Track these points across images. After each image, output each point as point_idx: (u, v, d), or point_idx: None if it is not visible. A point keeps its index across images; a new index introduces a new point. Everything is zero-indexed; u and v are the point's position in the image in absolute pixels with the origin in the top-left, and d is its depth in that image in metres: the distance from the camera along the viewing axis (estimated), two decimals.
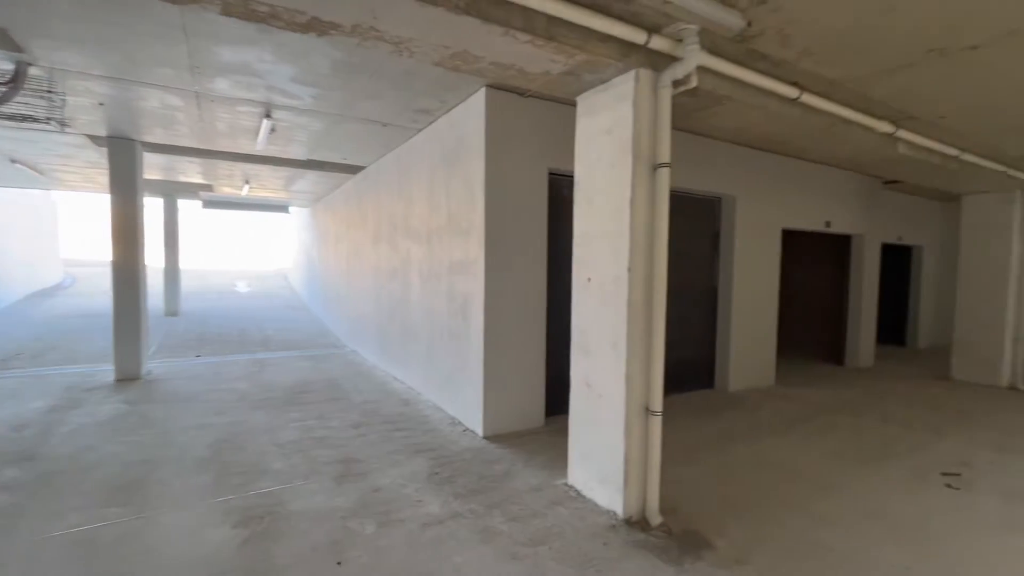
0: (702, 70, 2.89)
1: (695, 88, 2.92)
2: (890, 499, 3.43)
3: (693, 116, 3.84)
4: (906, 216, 9.35)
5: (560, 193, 4.67)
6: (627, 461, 3.00)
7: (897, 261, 10.33)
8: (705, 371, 6.35)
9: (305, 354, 8.36)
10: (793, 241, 9.19)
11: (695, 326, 6.22)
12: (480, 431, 4.44)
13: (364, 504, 3.21)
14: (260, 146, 6.04)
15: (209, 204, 13.00)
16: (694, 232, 6.11)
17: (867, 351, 8.08)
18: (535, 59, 2.70)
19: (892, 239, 9.13)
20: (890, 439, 4.66)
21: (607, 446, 3.12)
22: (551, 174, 4.61)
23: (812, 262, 9.11)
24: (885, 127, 4.12)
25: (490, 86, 4.13)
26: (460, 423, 4.79)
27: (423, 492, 3.40)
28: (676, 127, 4.90)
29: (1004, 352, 6.89)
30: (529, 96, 4.31)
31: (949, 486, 3.68)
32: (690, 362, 6.19)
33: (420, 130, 5.54)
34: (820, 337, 8.88)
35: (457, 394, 4.87)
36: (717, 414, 5.33)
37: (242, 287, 22.23)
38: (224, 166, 8.00)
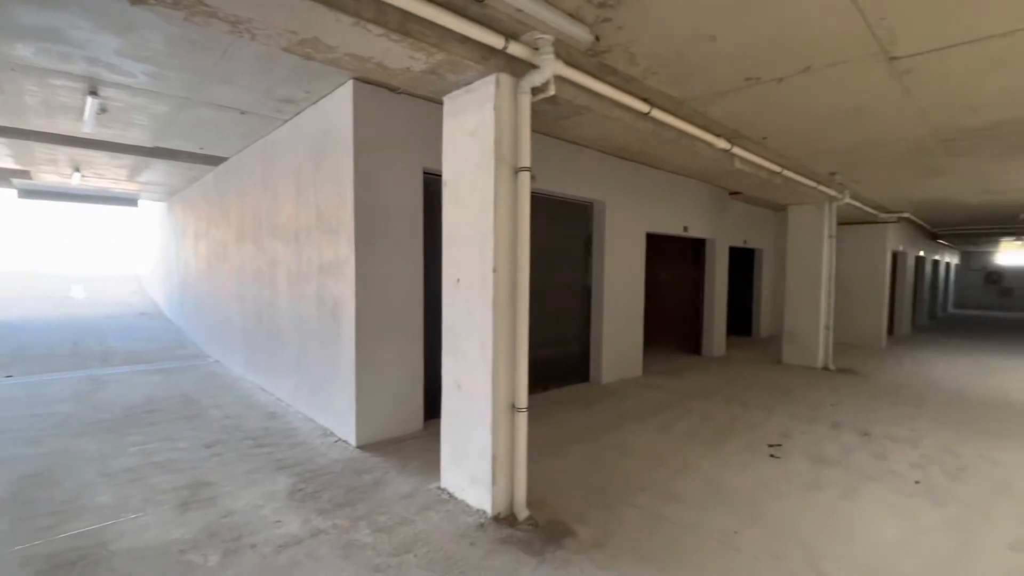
0: (560, 80, 3.03)
1: (554, 96, 3.06)
2: (727, 473, 3.89)
3: (559, 124, 4.04)
4: (749, 223, 10.74)
5: (436, 193, 4.61)
6: (495, 459, 3.04)
7: (743, 262, 11.83)
8: (581, 366, 6.71)
9: (156, 368, 7.35)
10: (657, 244, 10.10)
11: (572, 324, 6.55)
12: (353, 440, 4.24)
13: (210, 532, 2.89)
14: (88, 128, 5.19)
15: (28, 194, 10.88)
16: (569, 235, 6.43)
17: (720, 342, 9.13)
18: (393, 54, 2.62)
19: (738, 243, 10.42)
20: (732, 418, 5.30)
21: (476, 445, 3.14)
22: (426, 174, 4.54)
23: (674, 263, 10.08)
24: (723, 144, 4.67)
25: (357, 79, 3.96)
26: (332, 434, 4.53)
27: (282, 512, 3.15)
28: (546, 133, 5.12)
29: (819, 339, 8.21)
30: (401, 93, 4.20)
31: (773, 456, 4.26)
32: (568, 358, 6.51)
33: (286, 121, 5.15)
34: (681, 331, 9.86)
35: (329, 403, 4.60)
36: (589, 406, 5.65)
37: (79, 293, 19.01)
38: (42, 149, 6.75)
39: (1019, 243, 18.53)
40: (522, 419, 3.09)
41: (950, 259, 21.13)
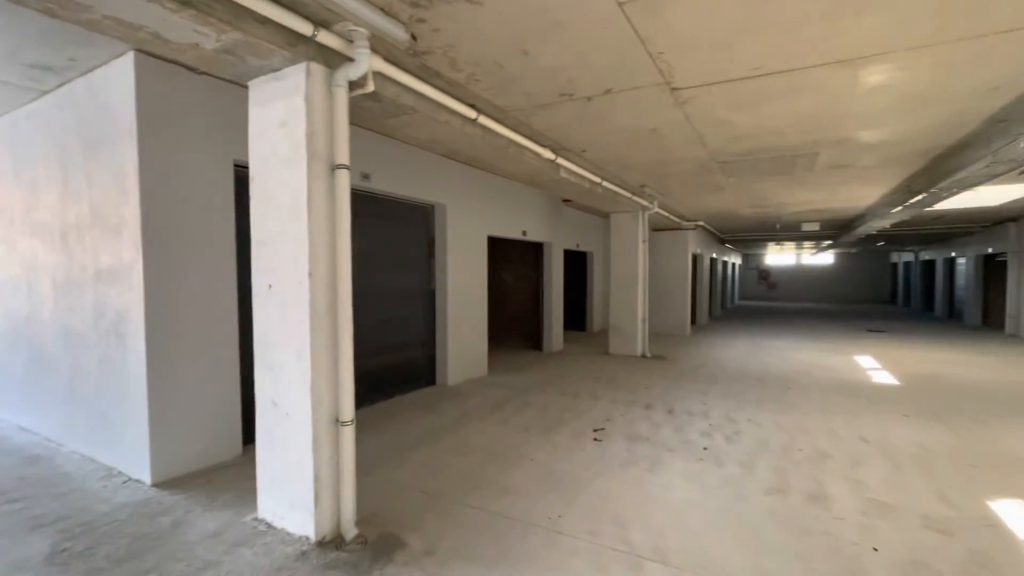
0: (381, 76, 2.93)
1: (375, 93, 2.94)
2: (557, 460, 4.16)
3: (387, 123, 3.94)
4: (580, 227, 11.78)
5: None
6: (317, 479, 2.81)
7: (577, 264, 12.94)
8: (427, 369, 6.64)
9: None
10: (499, 247, 10.51)
11: (416, 327, 6.44)
12: (148, 478, 3.57)
13: None
14: None
15: None
16: (411, 237, 6.32)
17: (558, 337, 9.83)
18: (173, 26, 2.26)
19: (572, 246, 11.36)
20: (564, 408, 5.71)
21: (296, 466, 2.87)
22: (240, 167, 4.04)
23: (516, 265, 10.59)
24: (548, 154, 5.02)
25: (141, 51, 3.35)
26: (120, 473, 3.77)
27: None
28: (380, 132, 4.95)
29: (638, 331, 9.34)
30: (203, 74, 3.67)
31: (596, 440, 4.69)
32: (412, 362, 6.38)
33: (46, 92, 4.15)
34: (524, 329, 10.40)
35: (116, 437, 3.82)
36: (434, 409, 5.61)
37: None
38: None
39: (779, 247, 23.46)
40: (348, 433, 2.91)
41: (735, 260, 25.83)
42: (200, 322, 3.81)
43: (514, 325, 10.70)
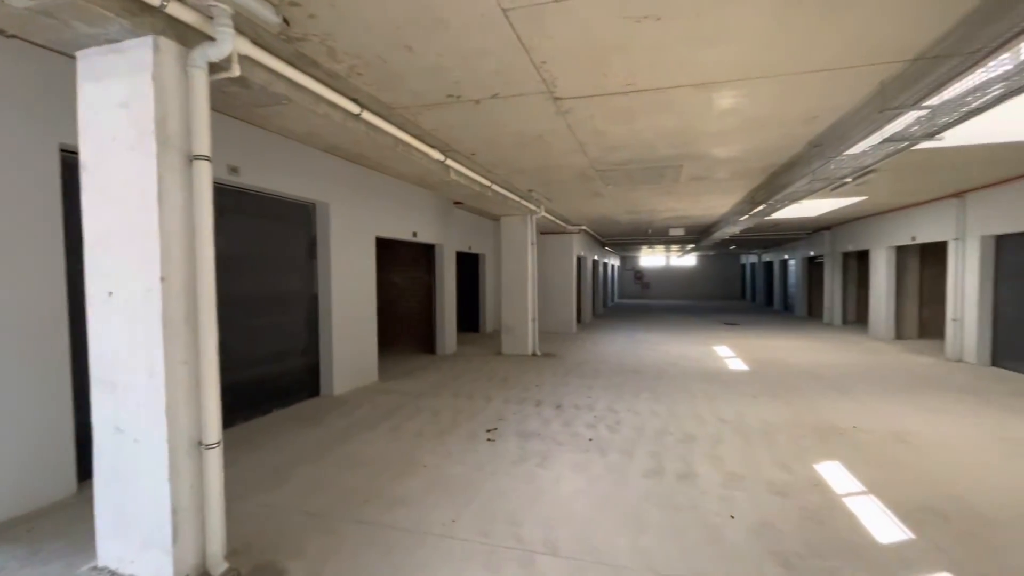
0: (249, 61, 2.66)
1: (243, 79, 2.67)
2: (452, 464, 4.12)
3: (258, 112, 3.60)
4: (472, 230, 11.85)
5: None
6: (176, 512, 2.46)
7: (469, 265, 13.01)
8: (311, 379, 6.19)
9: None
10: (389, 249, 10.20)
11: (298, 335, 5.97)
12: None
13: None
14: None
15: None
16: (291, 238, 5.85)
17: (451, 339, 9.77)
18: None
19: (464, 248, 11.37)
20: (458, 411, 5.69)
21: (149, 500, 2.48)
22: (67, 152, 3.41)
23: (407, 267, 10.35)
24: (437, 155, 4.96)
25: None
26: None
27: None
28: (254, 123, 4.51)
29: (528, 330, 9.64)
30: (14, 38, 3.04)
31: (490, 440, 4.73)
32: (295, 372, 5.91)
33: None
34: (417, 332, 10.20)
35: None
36: (318, 421, 5.25)
37: None
38: None
39: (651, 249, 25.78)
40: (214, 457, 2.59)
41: (614, 262, 27.86)
42: (17, 337, 3.15)
43: (406, 328, 10.43)
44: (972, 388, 6.76)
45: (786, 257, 20.38)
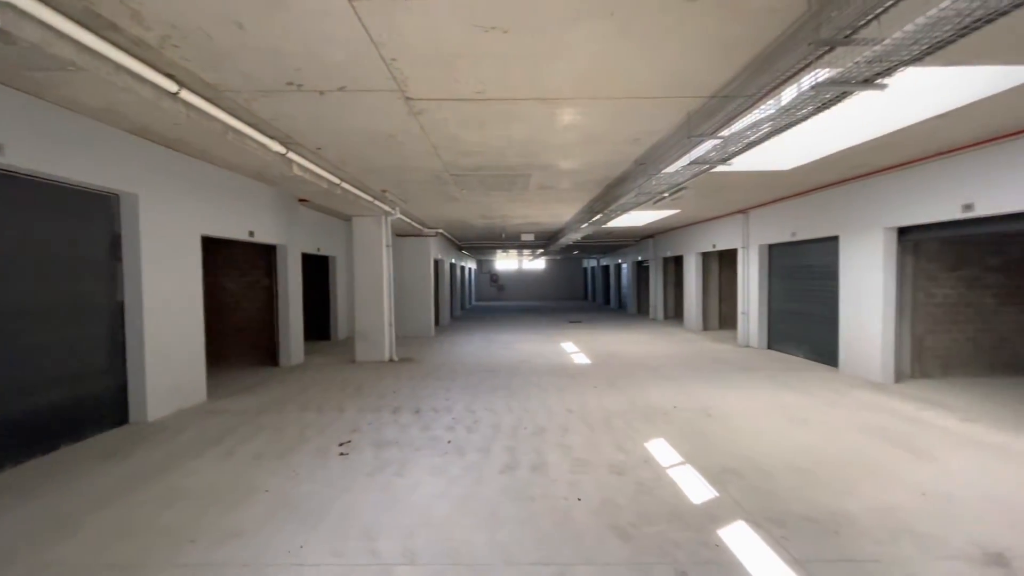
0: (12, 10, 2.12)
1: (5, 33, 2.11)
2: (299, 484, 3.77)
3: (32, 77, 2.88)
4: (321, 230, 11.06)
5: None
6: None
7: (319, 268, 12.11)
8: (116, 405, 5.15)
9: None
10: (221, 249, 9.02)
11: (96, 352, 4.92)
12: None
13: None
14: None
15: None
16: (84, 235, 4.80)
17: (297, 349, 8.97)
18: None
19: (312, 250, 10.56)
20: (306, 426, 5.24)
21: None
22: None
23: (244, 270, 9.25)
24: (277, 147, 4.53)
25: None
26: None
27: None
28: (20, 89, 3.61)
29: (385, 336, 9.31)
30: None
31: (343, 454, 4.45)
32: (92, 398, 4.85)
33: None
34: (258, 342, 9.17)
35: None
36: (127, 454, 4.39)
37: None
38: None
39: (505, 253, 26.87)
40: None
41: (471, 265, 28.41)
42: None
43: (243, 338, 9.31)
44: (756, 367, 8.35)
45: (620, 261, 22.90)
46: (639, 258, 19.38)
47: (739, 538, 2.98)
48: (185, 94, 3.20)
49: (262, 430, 5.11)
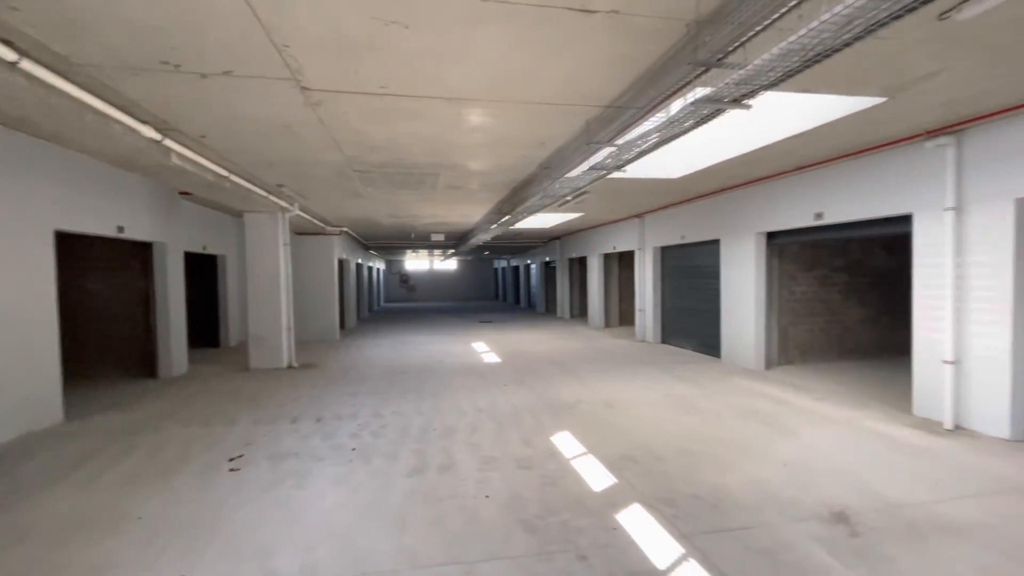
0: None
1: None
2: (181, 506, 3.41)
3: None
4: (208, 227, 10.08)
5: None
6: None
7: (206, 268, 11.03)
8: None
9: None
10: (84, 247, 7.90)
11: None
12: None
13: None
14: None
15: None
16: None
17: (180, 358, 8.10)
18: None
19: (197, 248, 9.58)
20: (189, 442, 4.75)
21: None
22: None
23: (112, 271, 8.16)
24: (151, 132, 4.05)
25: None
26: None
27: None
28: None
29: (283, 341, 8.71)
30: None
31: (234, 469, 4.10)
32: None
33: None
34: (131, 351, 8.13)
35: None
36: None
37: None
38: None
39: (416, 253, 26.38)
40: None
41: (379, 265, 27.51)
42: None
43: (114, 348, 8.21)
44: (651, 360, 9.00)
45: (529, 262, 23.48)
46: (547, 259, 20.01)
47: (634, 520, 3.20)
48: (28, 65, 2.75)
49: (135, 450, 4.55)
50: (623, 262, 14.87)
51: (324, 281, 12.54)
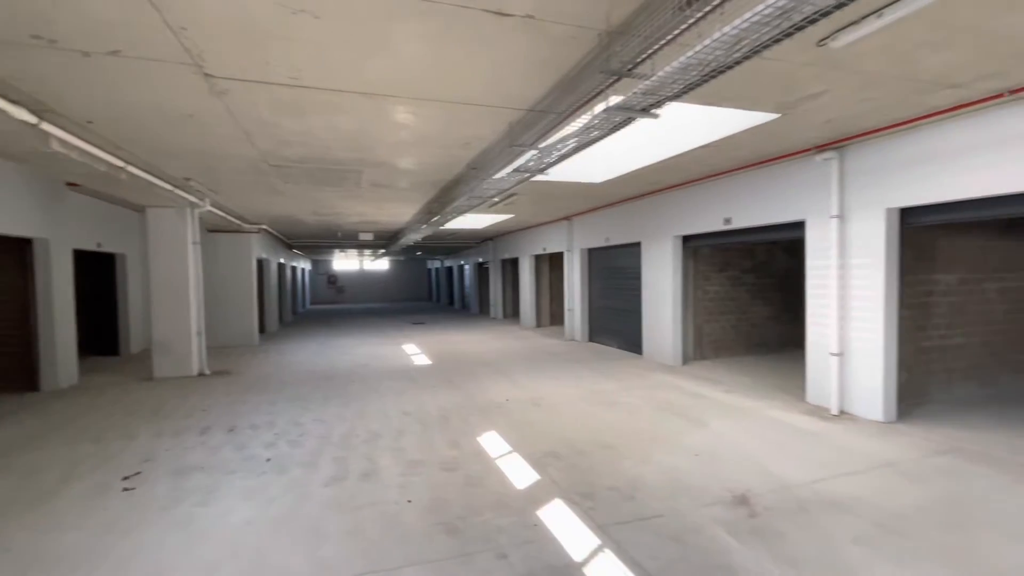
0: None
1: None
2: (60, 534, 3.06)
3: None
4: (105, 222, 9.10)
5: None
6: None
7: (103, 269, 9.97)
8: None
9: None
10: None
11: None
12: None
13: None
14: None
15: None
16: None
17: (68, 367, 7.26)
18: None
19: (91, 246, 8.64)
20: (78, 461, 4.27)
21: None
22: None
23: None
24: (25, 115, 3.60)
25: None
26: None
27: None
28: None
29: (192, 346, 8.07)
30: None
31: (128, 489, 3.73)
32: None
33: None
34: (7, 362, 7.17)
35: None
36: None
37: None
38: None
39: (344, 253, 25.41)
40: None
41: (305, 265, 26.22)
42: None
43: None
44: (579, 358, 9.26)
45: (463, 263, 23.38)
46: (480, 260, 20.02)
47: (555, 515, 3.27)
48: None
49: (6, 473, 4.03)
50: (553, 263, 15.19)
51: (241, 282, 11.75)
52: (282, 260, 17.08)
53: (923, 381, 5.65)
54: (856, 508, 3.28)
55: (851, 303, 5.23)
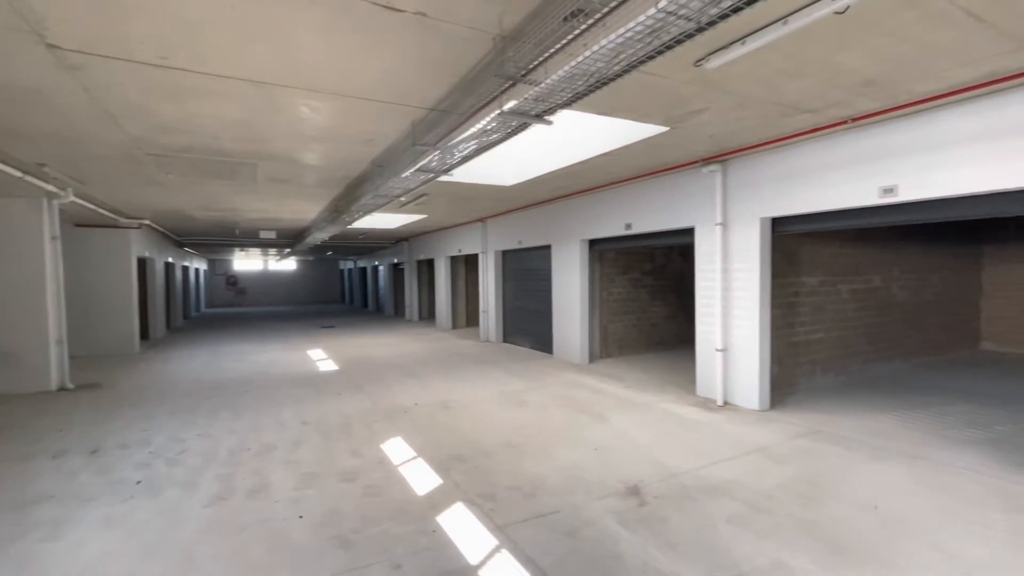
0: None
1: None
2: None
3: None
4: None
5: None
6: None
7: None
8: None
9: None
10: None
11: None
12: None
13: None
14: None
15: None
16: None
17: None
18: None
19: None
20: None
21: None
22: None
23: None
24: None
25: None
26: None
27: None
28: None
29: (50, 357, 7.03)
30: None
31: None
32: None
33: None
34: None
35: None
36: None
37: None
38: None
39: (245, 253, 23.54)
40: None
41: (199, 265, 23.94)
42: None
43: None
44: (492, 359, 9.31)
45: (377, 264, 22.62)
46: (395, 260, 19.49)
47: (455, 519, 3.24)
48: None
49: None
50: (469, 265, 15.17)
51: (117, 283, 10.45)
52: (170, 259, 15.45)
53: (792, 372, 6.35)
54: (732, 491, 3.59)
55: (733, 303, 5.74)
